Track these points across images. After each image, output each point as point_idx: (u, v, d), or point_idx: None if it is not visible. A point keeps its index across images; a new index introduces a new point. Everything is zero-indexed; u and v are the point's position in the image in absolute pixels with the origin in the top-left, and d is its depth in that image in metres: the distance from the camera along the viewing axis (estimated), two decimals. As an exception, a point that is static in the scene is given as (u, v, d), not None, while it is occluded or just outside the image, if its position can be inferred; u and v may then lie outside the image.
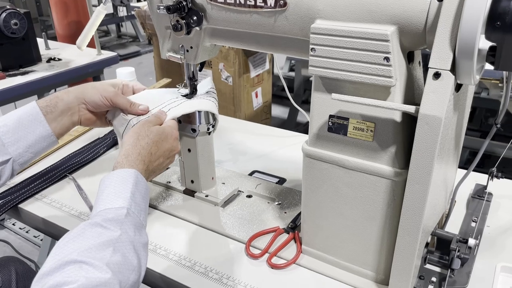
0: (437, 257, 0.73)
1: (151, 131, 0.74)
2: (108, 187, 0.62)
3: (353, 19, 0.59)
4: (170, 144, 0.76)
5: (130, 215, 0.59)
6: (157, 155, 0.73)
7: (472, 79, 0.54)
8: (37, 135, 0.76)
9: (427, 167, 0.56)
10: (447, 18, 0.52)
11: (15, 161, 0.75)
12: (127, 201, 0.61)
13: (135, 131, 0.74)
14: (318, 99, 0.66)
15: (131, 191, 0.62)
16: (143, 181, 0.66)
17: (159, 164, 0.74)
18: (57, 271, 0.50)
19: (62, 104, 0.79)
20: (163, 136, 0.75)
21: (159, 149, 0.73)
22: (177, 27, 0.76)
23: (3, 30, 1.66)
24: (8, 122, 0.75)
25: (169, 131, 0.77)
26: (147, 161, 0.70)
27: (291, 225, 0.83)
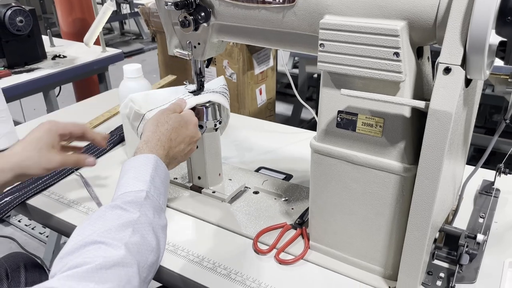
0: (445, 253, 0.73)
1: (170, 117, 0.74)
2: (129, 171, 0.63)
3: (363, 14, 0.59)
4: (190, 131, 0.76)
5: (149, 198, 0.60)
6: (177, 141, 0.73)
7: (482, 74, 0.54)
8: None
9: (437, 163, 0.56)
10: (457, 13, 0.52)
11: None
12: (147, 185, 0.61)
13: (154, 118, 0.74)
14: (326, 95, 0.66)
15: (151, 175, 0.63)
16: (163, 166, 0.67)
17: (180, 151, 0.74)
18: (77, 251, 0.51)
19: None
20: (182, 122, 0.75)
21: (179, 135, 0.74)
22: (185, 23, 0.76)
23: (8, 27, 1.66)
24: None
25: (188, 118, 0.77)
26: (167, 146, 0.70)
27: (299, 221, 0.83)
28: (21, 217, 2.17)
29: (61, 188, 0.98)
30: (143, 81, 1.02)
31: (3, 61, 1.73)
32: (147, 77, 1.05)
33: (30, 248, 1.98)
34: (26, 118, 2.46)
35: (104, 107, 1.37)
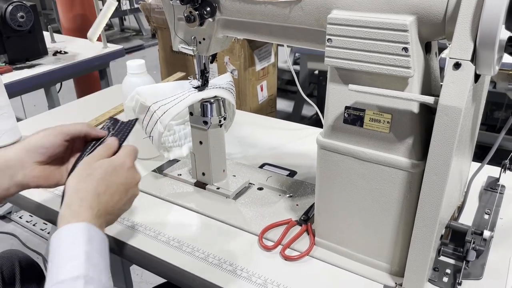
0: (451, 249, 0.73)
1: (94, 167, 0.62)
2: (57, 251, 0.54)
3: (371, 9, 0.59)
4: (122, 178, 0.63)
5: (89, 283, 0.51)
6: (109, 193, 0.61)
7: (492, 70, 0.54)
8: None
9: (445, 159, 0.56)
10: (468, 8, 0.51)
11: None
12: (83, 267, 0.52)
13: (77, 172, 0.62)
14: (333, 91, 0.65)
15: (85, 251, 0.53)
16: (97, 233, 0.56)
17: (115, 203, 0.62)
18: None
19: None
20: (109, 169, 0.62)
21: (109, 186, 0.61)
22: (190, 18, 0.76)
23: (9, 23, 1.66)
24: None
25: (118, 162, 0.64)
26: (95, 205, 0.59)
27: (304, 217, 0.83)
28: (22, 213, 2.17)
29: (64, 184, 0.97)
30: (146, 77, 1.02)
31: (4, 57, 1.72)
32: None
33: (31, 244, 1.99)
34: (27, 115, 2.45)
35: (107, 103, 1.36)
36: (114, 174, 0.63)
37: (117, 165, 0.64)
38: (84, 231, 0.55)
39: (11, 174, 0.65)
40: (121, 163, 0.64)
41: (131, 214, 0.86)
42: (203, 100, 0.85)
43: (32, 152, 0.66)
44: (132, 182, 0.65)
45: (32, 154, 0.66)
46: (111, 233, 0.81)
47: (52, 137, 0.67)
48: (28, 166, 0.66)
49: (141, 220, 0.85)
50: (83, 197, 0.58)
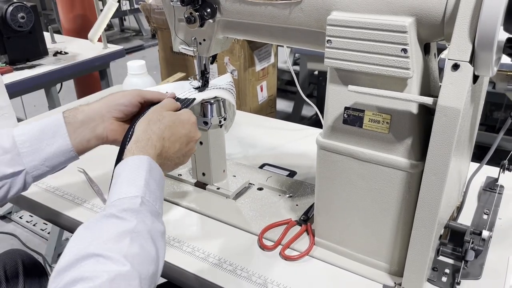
0: (450, 249, 0.73)
1: (163, 115, 0.68)
2: (120, 176, 0.60)
3: (370, 10, 0.59)
4: (187, 130, 0.70)
5: (145, 204, 0.57)
6: (171, 140, 0.67)
7: (490, 71, 0.54)
8: (55, 148, 0.69)
9: (444, 159, 0.56)
10: (466, 9, 0.52)
11: (28, 174, 0.69)
12: (141, 190, 0.58)
13: (146, 117, 0.68)
14: (333, 91, 0.66)
15: (145, 178, 0.59)
16: (157, 167, 0.62)
17: (175, 151, 0.68)
18: (73, 266, 0.48)
19: (82, 115, 0.71)
20: (177, 121, 0.69)
21: (174, 134, 0.68)
22: (191, 19, 0.76)
23: (10, 23, 1.66)
24: (28, 130, 0.69)
25: (185, 117, 0.71)
26: (158, 146, 0.65)
27: (304, 217, 0.83)
28: (23, 213, 2.17)
29: (65, 184, 0.98)
30: (146, 77, 1.03)
31: (4, 57, 1.73)
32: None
33: (32, 244, 1.99)
34: (27, 115, 2.46)
35: (107, 103, 1.36)
36: (180, 125, 0.69)
37: (183, 118, 0.71)
38: (146, 163, 0.61)
39: (93, 126, 0.72)
40: (187, 117, 0.72)
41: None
42: (203, 100, 0.85)
43: (112, 108, 0.73)
44: (193, 137, 0.72)
45: (112, 110, 0.73)
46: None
47: (131, 97, 0.74)
48: (108, 120, 0.73)
49: (141, 220, 0.85)
50: (150, 137, 0.65)
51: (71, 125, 0.71)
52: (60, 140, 0.70)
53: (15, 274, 0.93)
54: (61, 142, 0.70)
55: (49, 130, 0.70)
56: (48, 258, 1.88)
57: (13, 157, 0.68)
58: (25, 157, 0.68)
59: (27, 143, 0.68)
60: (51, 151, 0.69)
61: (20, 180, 0.69)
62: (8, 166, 0.67)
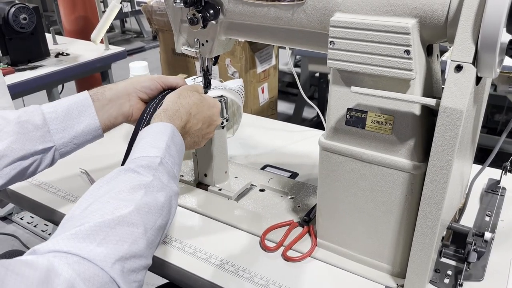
0: (452, 251, 0.73)
1: (193, 93, 0.73)
2: (145, 138, 0.62)
3: (373, 12, 0.59)
4: (211, 112, 0.75)
5: (163, 164, 0.59)
6: (197, 118, 0.72)
7: (493, 72, 0.54)
8: (84, 126, 0.72)
9: (447, 160, 0.56)
10: (469, 11, 0.52)
11: (57, 150, 0.71)
12: (162, 151, 0.60)
13: (177, 91, 0.73)
14: (336, 92, 0.66)
15: (167, 142, 0.62)
16: (179, 136, 0.66)
17: (197, 130, 0.73)
18: (85, 210, 0.50)
19: (110, 93, 0.75)
20: (205, 102, 0.74)
21: (199, 112, 0.72)
22: (194, 20, 0.76)
23: (12, 24, 1.66)
24: (58, 108, 0.71)
25: (211, 101, 0.76)
26: (184, 119, 0.69)
27: (306, 218, 0.83)
28: (23, 214, 2.17)
29: (67, 185, 0.98)
30: (149, 78, 1.03)
31: (6, 58, 1.73)
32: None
33: (32, 245, 1.98)
34: (28, 116, 2.46)
35: (109, 104, 1.36)
36: (206, 106, 0.74)
37: (210, 101, 0.76)
38: (170, 130, 0.64)
39: (120, 103, 0.76)
40: (213, 102, 0.77)
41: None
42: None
43: (138, 89, 0.77)
44: (216, 120, 0.77)
45: (138, 91, 0.77)
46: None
47: (155, 82, 0.78)
48: (133, 99, 0.77)
49: (143, 221, 0.85)
50: (179, 109, 0.69)
51: (99, 102, 0.74)
52: (89, 119, 0.73)
53: None
54: (89, 120, 0.73)
55: (77, 108, 0.72)
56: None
57: (44, 134, 0.69)
58: (55, 134, 0.70)
59: (57, 120, 0.70)
60: (80, 129, 0.72)
61: (49, 156, 0.71)
62: (39, 143, 0.69)
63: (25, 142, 0.67)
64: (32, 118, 0.69)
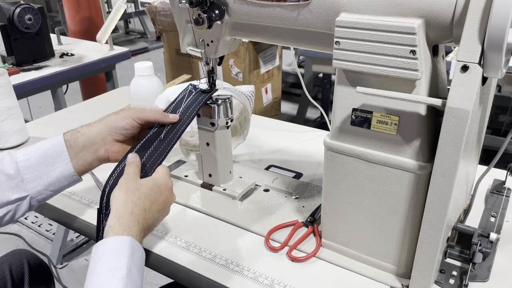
0: (457, 251, 0.73)
1: (140, 184, 0.65)
2: (101, 259, 0.56)
3: (379, 12, 0.59)
4: (164, 196, 0.67)
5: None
6: (152, 210, 0.64)
7: (499, 72, 0.54)
8: (58, 173, 0.70)
9: (453, 161, 0.56)
10: (476, 11, 0.52)
11: (33, 198, 0.70)
12: (123, 281, 0.54)
13: (122, 185, 0.65)
14: (341, 93, 0.66)
15: (127, 266, 0.56)
16: (139, 248, 0.60)
17: (154, 221, 0.66)
18: None
19: (84, 139, 0.72)
20: (155, 188, 0.66)
21: (153, 203, 0.65)
22: (199, 21, 0.77)
23: (17, 25, 1.67)
24: (31, 156, 0.70)
25: (162, 181, 0.68)
26: (141, 219, 0.62)
27: (310, 218, 0.83)
28: (28, 214, 2.18)
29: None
30: (154, 78, 1.03)
31: (11, 58, 1.74)
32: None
33: (37, 245, 2.00)
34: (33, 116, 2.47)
35: (113, 105, 1.37)
36: (158, 192, 0.66)
37: (161, 184, 0.67)
38: (129, 245, 0.57)
39: (94, 149, 0.73)
40: (165, 182, 0.68)
41: (139, 215, 0.87)
42: (210, 102, 0.86)
43: (114, 131, 0.74)
44: (170, 202, 0.69)
45: (113, 133, 0.74)
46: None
47: (131, 120, 0.74)
48: (109, 143, 0.74)
49: (148, 220, 0.86)
50: (133, 210, 0.61)
51: (72, 149, 0.71)
52: (62, 165, 0.70)
53: (21, 274, 0.93)
54: (63, 167, 0.71)
55: (51, 155, 0.70)
56: (53, 259, 1.89)
57: (17, 184, 0.69)
58: (28, 183, 0.69)
59: (31, 168, 0.69)
60: (54, 176, 0.70)
61: (25, 205, 0.70)
62: (13, 192, 0.68)
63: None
64: (4, 168, 0.68)
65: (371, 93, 0.61)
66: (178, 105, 0.82)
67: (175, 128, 0.77)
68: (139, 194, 0.63)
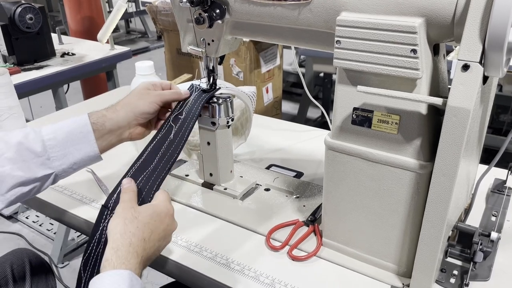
0: (458, 251, 0.73)
1: (138, 211, 0.61)
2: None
3: (380, 11, 0.59)
4: (165, 224, 0.63)
5: None
6: (152, 239, 0.60)
7: (500, 72, 0.54)
8: (83, 154, 0.73)
9: (453, 160, 0.56)
10: (477, 10, 0.52)
11: (57, 175, 0.72)
12: None
13: (119, 214, 0.60)
14: (342, 92, 0.66)
15: None
16: (138, 283, 0.55)
17: (155, 250, 0.61)
18: None
19: (111, 124, 0.75)
20: (154, 215, 0.62)
21: (153, 232, 0.60)
22: (200, 20, 0.77)
23: (18, 24, 1.67)
24: (58, 135, 0.71)
25: (162, 208, 0.64)
26: (140, 251, 0.57)
27: (311, 218, 0.83)
28: (29, 213, 2.18)
29: (73, 184, 0.98)
30: (155, 78, 1.03)
31: (12, 58, 1.74)
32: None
33: (38, 244, 2.00)
34: (34, 116, 2.47)
35: (114, 104, 1.37)
36: (159, 220, 0.62)
37: (161, 211, 0.63)
38: (128, 280, 0.53)
39: (120, 133, 0.77)
40: (165, 210, 0.64)
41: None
42: (211, 101, 0.86)
43: (139, 116, 0.77)
44: (171, 229, 0.65)
45: (138, 118, 0.77)
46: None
47: (156, 105, 0.78)
48: (133, 126, 0.78)
49: (149, 219, 0.86)
50: (132, 241, 0.57)
51: (98, 132, 0.74)
52: (88, 147, 0.73)
53: (22, 273, 0.93)
54: (89, 148, 0.73)
55: (77, 135, 0.72)
56: (54, 258, 1.89)
57: (43, 162, 0.70)
58: (55, 161, 0.71)
59: (57, 147, 0.71)
60: (79, 156, 0.73)
61: (49, 181, 0.72)
62: (40, 169, 0.70)
63: (26, 170, 0.68)
64: (32, 145, 0.69)
65: (372, 92, 0.61)
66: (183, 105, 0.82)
67: (178, 137, 0.76)
68: (138, 223, 0.59)
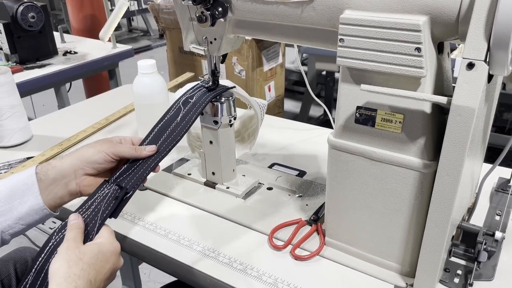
0: (462, 250, 0.73)
1: (83, 252, 0.58)
2: None
3: (384, 9, 0.59)
4: (111, 263, 0.60)
5: None
6: (98, 280, 0.57)
7: (505, 70, 0.54)
8: (27, 207, 0.67)
9: (458, 159, 0.56)
10: (482, 8, 0.51)
11: (4, 232, 0.66)
12: None
13: (62, 256, 0.57)
14: (345, 90, 0.66)
15: None
16: None
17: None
18: None
19: (54, 172, 0.68)
20: (100, 255, 0.59)
21: (99, 273, 0.58)
22: (202, 18, 0.76)
23: (20, 23, 1.67)
24: (2, 189, 0.67)
25: (108, 247, 0.61)
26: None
27: (314, 217, 0.83)
28: (31, 212, 2.18)
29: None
30: (157, 76, 1.03)
31: (15, 56, 1.74)
32: (156, 74, 1.05)
33: (40, 243, 2.00)
34: (37, 114, 2.47)
35: (117, 102, 1.37)
36: (104, 260, 0.60)
37: (107, 250, 0.61)
38: None
39: (65, 183, 0.69)
40: (113, 248, 0.62)
41: (141, 213, 0.87)
42: (213, 100, 0.85)
43: (86, 165, 0.70)
44: (117, 267, 0.63)
45: (85, 167, 0.70)
46: (123, 232, 0.82)
47: (105, 155, 0.70)
48: (80, 176, 0.70)
49: (151, 218, 0.86)
50: (77, 285, 0.54)
51: (42, 183, 0.68)
52: (32, 199, 0.67)
53: (25, 272, 0.93)
54: (32, 200, 0.67)
55: (20, 188, 0.67)
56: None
57: None
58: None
59: (0, 203, 0.66)
60: (23, 210, 0.67)
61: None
62: None
63: None
64: None
65: (376, 91, 0.60)
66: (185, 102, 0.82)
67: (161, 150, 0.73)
68: (83, 265, 0.56)
